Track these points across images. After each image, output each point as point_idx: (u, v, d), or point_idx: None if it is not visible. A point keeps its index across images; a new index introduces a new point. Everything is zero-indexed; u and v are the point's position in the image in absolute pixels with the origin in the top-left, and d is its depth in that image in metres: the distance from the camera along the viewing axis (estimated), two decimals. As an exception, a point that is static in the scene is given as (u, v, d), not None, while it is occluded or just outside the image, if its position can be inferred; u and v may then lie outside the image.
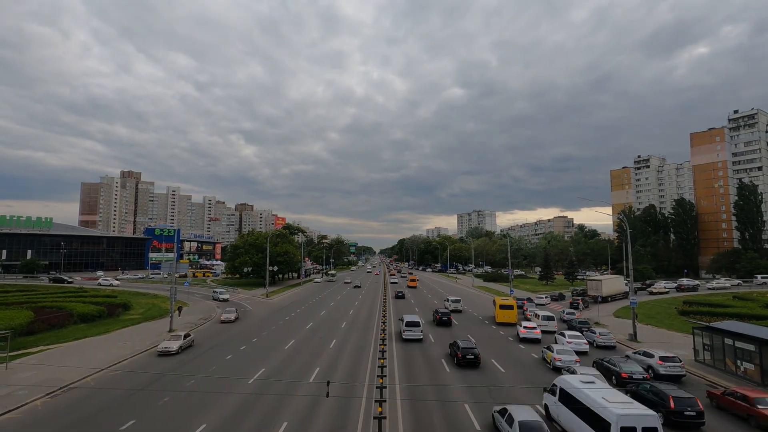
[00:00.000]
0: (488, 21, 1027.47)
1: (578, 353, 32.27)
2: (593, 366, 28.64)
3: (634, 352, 31.80)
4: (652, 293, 76.94)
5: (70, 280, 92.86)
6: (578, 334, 37.02)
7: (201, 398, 22.97)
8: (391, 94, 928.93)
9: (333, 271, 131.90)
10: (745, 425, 20.39)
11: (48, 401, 22.75)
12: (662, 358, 28.03)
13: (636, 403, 17.07)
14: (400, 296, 72.31)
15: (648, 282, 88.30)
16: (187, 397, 23.14)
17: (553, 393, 20.45)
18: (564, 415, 19.01)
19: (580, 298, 65.99)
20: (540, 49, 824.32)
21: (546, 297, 70.45)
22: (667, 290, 78.32)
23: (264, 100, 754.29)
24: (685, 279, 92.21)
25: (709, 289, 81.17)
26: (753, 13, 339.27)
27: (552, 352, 30.25)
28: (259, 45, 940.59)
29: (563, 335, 36.64)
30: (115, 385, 25.32)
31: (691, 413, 19.47)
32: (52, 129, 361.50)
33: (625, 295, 69.47)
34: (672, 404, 19.77)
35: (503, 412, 18.56)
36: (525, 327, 39.57)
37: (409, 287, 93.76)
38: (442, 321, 46.41)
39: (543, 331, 41.15)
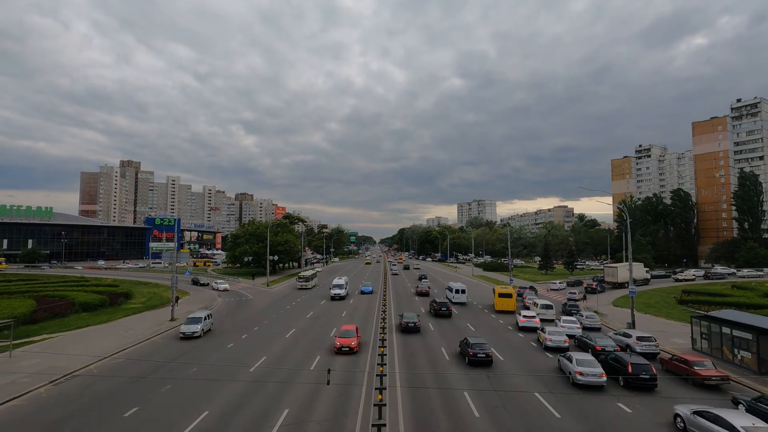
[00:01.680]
0: (487, 12, 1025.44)
1: (572, 336, 34.64)
2: (575, 342, 33.48)
3: (615, 333, 34.87)
4: (677, 280, 78.75)
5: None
6: (573, 319, 38.92)
7: (203, 386, 23.21)
8: (390, 85, 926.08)
9: (311, 270, 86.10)
10: (686, 384, 24.37)
11: (51, 389, 23.00)
12: (639, 338, 31.31)
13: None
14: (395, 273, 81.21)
15: (677, 270, 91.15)
16: (190, 385, 23.39)
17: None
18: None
19: (594, 283, 68.75)
20: (539, 41, 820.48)
21: (560, 283, 72.85)
22: (694, 277, 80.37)
23: (264, 90, 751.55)
24: (719, 267, 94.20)
25: (739, 277, 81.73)
26: (751, 4, 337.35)
27: (545, 333, 32.96)
28: (259, 36, 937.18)
29: (560, 320, 38.71)
30: (118, 372, 25.59)
31: (646, 377, 23.35)
32: (53, 119, 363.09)
33: (645, 282, 74.29)
34: (630, 369, 23.57)
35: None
36: (524, 316, 40.08)
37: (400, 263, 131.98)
38: (440, 313, 45.50)
39: (542, 320, 41.60)
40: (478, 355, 27.61)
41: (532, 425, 18.80)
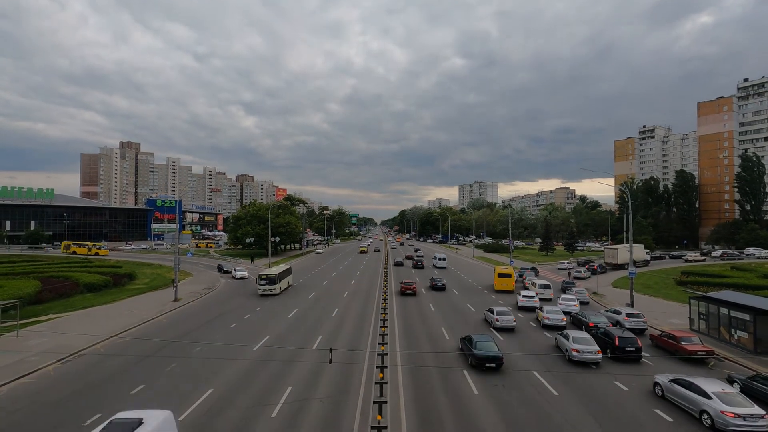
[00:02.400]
0: None
1: (568, 313, 35.88)
2: (570, 319, 35.00)
3: (606, 310, 36.54)
4: (687, 261, 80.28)
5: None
6: (572, 297, 39.69)
7: (207, 364, 23.66)
8: (391, 65, 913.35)
9: (283, 265, 57.67)
10: (673, 357, 25.88)
11: (59, 367, 23.49)
12: (628, 315, 33.04)
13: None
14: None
15: (704, 250, 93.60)
16: (194, 364, 23.84)
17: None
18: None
19: (596, 264, 70.97)
20: (541, 19, 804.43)
21: (568, 262, 76.48)
22: (704, 258, 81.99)
23: (263, 71, 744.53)
24: (736, 249, 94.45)
25: (758, 258, 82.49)
26: None
27: (543, 312, 33.85)
28: (258, 15, 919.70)
29: (559, 298, 40.01)
30: (124, 351, 26.07)
31: (631, 349, 25.29)
32: (52, 100, 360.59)
33: (645, 263, 76.24)
34: (617, 342, 25.51)
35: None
36: (524, 296, 40.83)
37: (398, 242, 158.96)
38: (436, 287, 50.36)
39: (541, 299, 42.27)
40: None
41: (529, 402, 19.22)
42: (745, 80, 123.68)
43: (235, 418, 17.48)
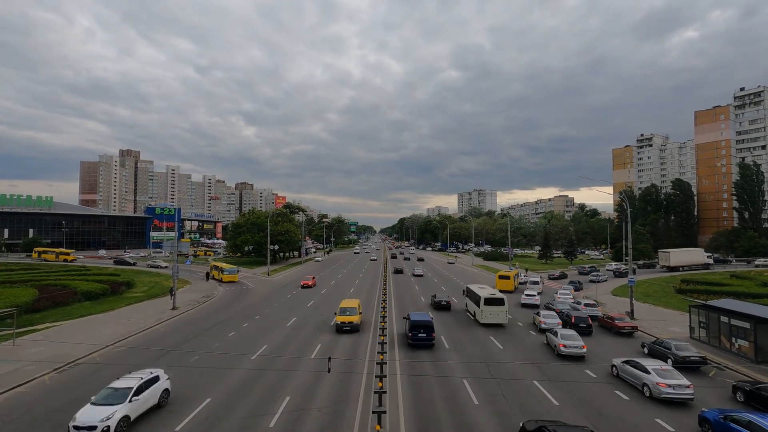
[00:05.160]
0: (482, 7, 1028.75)
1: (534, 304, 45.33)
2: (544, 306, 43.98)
3: (572, 302, 44.29)
4: (758, 266, 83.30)
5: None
6: (568, 292, 49.39)
7: (205, 374, 23.45)
8: (388, 77, 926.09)
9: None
10: (609, 333, 35.11)
11: (55, 376, 23.26)
12: (585, 305, 41.62)
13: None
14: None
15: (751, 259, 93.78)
16: (192, 373, 23.63)
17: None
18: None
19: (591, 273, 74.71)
20: (534, 33, 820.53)
21: (591, 267, 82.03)
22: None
23: (264, 82, 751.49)
24: None
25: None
26: None
27: (539, 316, 36.44)
28: (259, 30, 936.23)
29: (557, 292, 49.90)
30: (122, 360, 25.83)
31: (584, 325, 33.98)
32: (56, 110, 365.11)
33: (705, 266, 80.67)
34: (573, 320, 34.62)
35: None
36: (526, 294, 47.57)
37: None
38: (440, 306, 44.34)
39: (527, 294, 47.70)
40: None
41: (522, 393, 19.08)
42: (741, 89, 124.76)
43: (232, 427, 17.29)
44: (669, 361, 24.95)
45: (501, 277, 58.55)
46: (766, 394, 19.48)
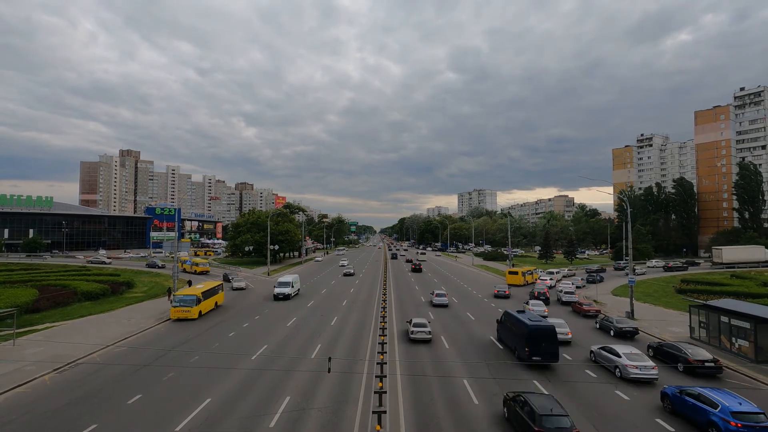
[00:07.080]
0: (479, 11, 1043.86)
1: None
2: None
3: (558, 291, 52.19)
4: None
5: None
6: (570, 283, 56.06)
7: (205, 374, 23.44)
8: (387, 79, 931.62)
9: None
10: (578, 316, 41.64)
11: (55, 376, 23.25)
12: (566, 292, 48.61)
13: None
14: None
15: None
16: (192, 373, 23.63)
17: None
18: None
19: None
20: (530, 36, 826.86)
21: (598, 267, 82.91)
22: None
23: (264, 84, 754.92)
24: None
25: None
26: (732, 3, 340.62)
27: (528, 305, 41.39)
28: (260, 33, 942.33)
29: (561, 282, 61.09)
30: (121, 360, 25.84)
31: (542, 298, 45.02)
32: (58, 111, 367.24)
33: (766, 264, 78.58)
34: (536, 294, 46.93)
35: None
36: (566, 292, 49.87)
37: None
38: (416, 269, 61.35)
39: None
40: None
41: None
42: (741, 89, 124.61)
43: (232, 428, 17.29)
44: (611, 332, 33.61)
45: (510, 273, 65.89)
46: (666, 349, 26.76)
